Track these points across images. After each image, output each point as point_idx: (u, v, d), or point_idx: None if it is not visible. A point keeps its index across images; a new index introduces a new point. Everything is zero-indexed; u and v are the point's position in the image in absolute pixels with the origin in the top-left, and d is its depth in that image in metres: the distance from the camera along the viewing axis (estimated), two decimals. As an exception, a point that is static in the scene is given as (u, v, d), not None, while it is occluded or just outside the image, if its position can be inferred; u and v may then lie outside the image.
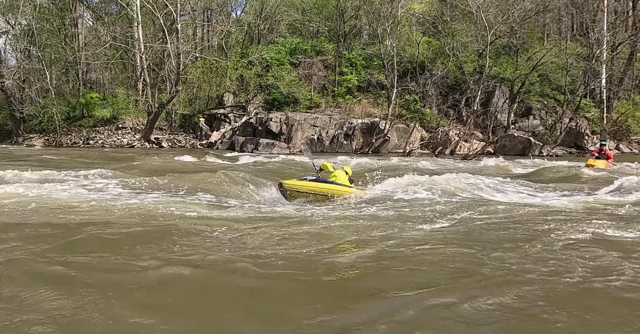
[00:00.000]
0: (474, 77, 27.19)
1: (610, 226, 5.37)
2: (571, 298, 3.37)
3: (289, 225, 5.76)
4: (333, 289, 3.66)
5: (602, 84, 25.79)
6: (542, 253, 4.35)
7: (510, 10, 27.14)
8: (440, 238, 5.09)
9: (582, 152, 24.25)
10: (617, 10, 30.61)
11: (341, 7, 30.77)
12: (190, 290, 3.57)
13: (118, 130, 28.36)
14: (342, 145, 25.98)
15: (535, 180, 11.30)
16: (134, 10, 28.44)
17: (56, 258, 4.21)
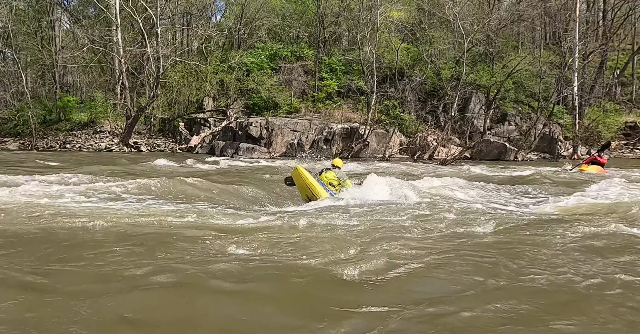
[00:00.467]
0: (451, 84, 27.72)
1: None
2: (577, 304, 3.51)
3: (261, 232, 5.74)
4: (317, 299, 3.66)
5: (574, 92, 26.53)
6: (538, 258, 4.54)
7: (486, 19, 27.81)
8: (428, 244, 5.23)
9: (556, 157, 24.94)
10: (588, 20, 31.60)
11: (321, 13, 31.08)
12: (170, 301, 3.53)
13: (96, 134, 28.03)
14: (322, 150, 26.16)
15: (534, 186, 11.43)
16: (112, 13, 28.24)
17: (25, 266, 4.19)
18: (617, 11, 31.58)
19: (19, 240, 5.11)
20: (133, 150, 26.69)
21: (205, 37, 29.74)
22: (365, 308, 3.43)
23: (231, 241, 5.11)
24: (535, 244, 5.04)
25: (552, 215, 7.26)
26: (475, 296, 3.63)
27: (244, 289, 3.73)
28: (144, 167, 15.75)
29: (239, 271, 4.07)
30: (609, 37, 30.33)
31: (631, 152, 26.36)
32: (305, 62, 31.12)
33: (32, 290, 3.66)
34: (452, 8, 27.38)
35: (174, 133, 29.12)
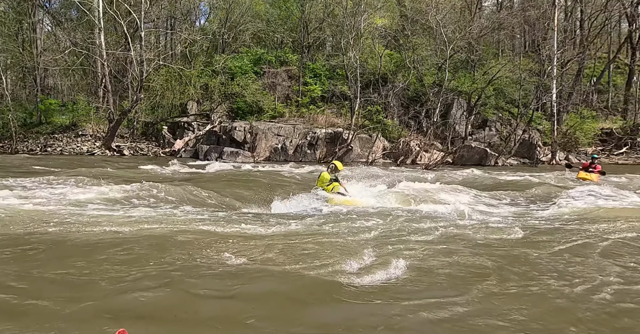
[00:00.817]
0: (433, 90, 28.14)
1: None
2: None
3: (254, 238, 5.79)
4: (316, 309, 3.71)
5: (552, 98, 27.14)
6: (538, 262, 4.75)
7: (468, 27, 28.32)
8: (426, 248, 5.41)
9: (535, 162, 25.46)
10: (566, 29, 32.38)
11: (305, 19, 31.33)
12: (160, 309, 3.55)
13: (77, 137, 27.76)
14: (306, 154, 26.32)
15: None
16: (95, 16, 28.05)
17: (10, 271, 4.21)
18: (594, 21, 32.48)
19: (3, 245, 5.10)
20: (115, 154, 26.50)
21: (189, 41, 29.71)
22: (364, 314, 3.52)
23: (224, 248, 5.16)
24: (535, 248, 5.28)
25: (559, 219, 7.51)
26: (480, 302, 3.75)
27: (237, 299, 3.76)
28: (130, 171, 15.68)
29: (234, 280, 4.09)
30: (586, 46, 31.14)
31: (607, 157, 27.03)
32: (290, 67, 31.28)
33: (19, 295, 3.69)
34: (435, 15, 27.81)
35: (157, 137, 28.99)
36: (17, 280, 4.03)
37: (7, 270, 4.25)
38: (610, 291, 3.98)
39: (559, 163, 25.44)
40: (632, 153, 27.30)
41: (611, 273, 4.47)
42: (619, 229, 6.39)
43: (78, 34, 29.38)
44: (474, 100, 27.62)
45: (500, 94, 28.99)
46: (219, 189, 10.34)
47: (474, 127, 28.41)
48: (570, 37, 32.10)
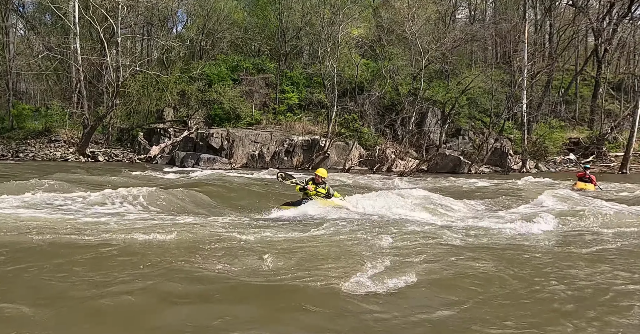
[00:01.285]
0: (409, 99, 28.69)
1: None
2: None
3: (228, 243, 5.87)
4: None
5: (523, 108, 27.92)
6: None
7: (443, 38, 29.02)
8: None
9: (506, 170, 26.16)
10: (536, 42, 33.41)
11: (283, 27, 31.63)
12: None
13: (51, 143, 27.32)
14: (283, 162, 26.47)
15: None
16: (71, 21, 27.77)
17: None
18: (562, 34, 33.69)
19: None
20: (90, 160, 26.18)
21: (166, 47, 29.65)
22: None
23: (218, 254, 5.19)
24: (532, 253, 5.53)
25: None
26: (479, 307, 3.86)
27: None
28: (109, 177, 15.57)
29: (223, 285, 4.13)
30: (554, 58, 32.20)
31: (575, 166, 27.91)
32: (267, 74, 31.48)
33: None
34: (410, 27, 28.43)
35: (133, 143, 28.76)
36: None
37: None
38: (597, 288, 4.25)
39: (529, 171, 26.19)
40: (598, 161, 28.26)
41: (602, 272, 4.76)
42: (600, 231, 6.77)
43: (52, 39, 29.00)
44: (448, 109, 28.25)
45: (473, 104, 29.73)
46: (213, 195, 10.47)
47: (448, 135, 29.03)
48: (539, 49, 33.13)
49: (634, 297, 4.08)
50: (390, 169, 25.54)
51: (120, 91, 26.49)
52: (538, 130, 29.35)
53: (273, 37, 33.30)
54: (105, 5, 26.19)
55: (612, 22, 30.79)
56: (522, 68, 28.15)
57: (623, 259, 5.44)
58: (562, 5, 35.71)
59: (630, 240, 6.40)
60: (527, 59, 28.43)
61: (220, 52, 33.65)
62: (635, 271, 4.90)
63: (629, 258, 5.47)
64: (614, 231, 6.98)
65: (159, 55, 31.15)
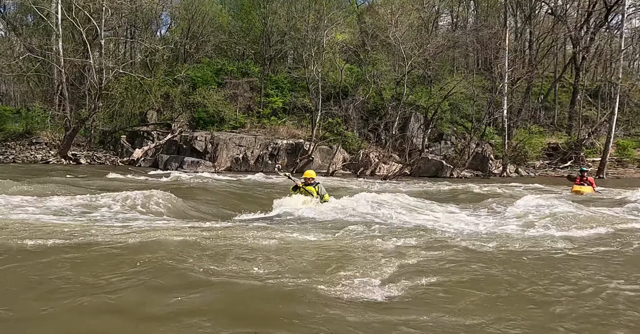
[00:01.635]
0: (392, 104, 29.03)
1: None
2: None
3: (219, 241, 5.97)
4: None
5: (503, 114, 28.45)
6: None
7: (425, 44, 29.47)
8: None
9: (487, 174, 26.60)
10: (516, 49, 34.13)
11: (267, 32, 31.76)
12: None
13: (31, 145, 26.99)
14: (267, 165, 26.52)
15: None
16: (53, 22, 27.52)
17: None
18: (542, 42, 34.46)
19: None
20: (72, 163, 25.91)
21: (150, 50, 29.55)
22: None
23: (200, 257, 5.20)
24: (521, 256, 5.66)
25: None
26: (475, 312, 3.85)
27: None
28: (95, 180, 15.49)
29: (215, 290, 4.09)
30: (534, 65, 32.89)
31: (553, 171, 28.52)
32: (252, 78, 31.57)
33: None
34: (394, 33, 28.81)
35: (115, 146, 28.55)
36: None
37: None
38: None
39: (509, 175, 26.68)
40: (576, 166, 28.89)
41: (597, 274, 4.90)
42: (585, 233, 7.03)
43: (34, 40, 28.69)
44: (431, 114, 28.64)
45: (455, 109, 30.18)
46: (202, 198, 10.52)
47: (431, 140, 29.41)
48: (520, 56, 33.83)
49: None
50: (374, 173, 25.78)
51: (103, 93, 26.31)
52: (518, 135, 29.90)
53: (258, 41, 33.40)
54: (88, 7, 26.04)
55: (590, 31, 31.59)
56: (503, 75, 28.70)
57: (611, 259, 5.62)
58: (541, 13, 36.55)
59: (609, 241, 6.63)
60: (508, 66, 29.01)
61: (205, 55, 33.64)
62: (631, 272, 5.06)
63: (617, 258, 5.66)
64: (588, 233, 7.21)
65: (143, 57, 31.00)
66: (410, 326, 3.54)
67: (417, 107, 29.05)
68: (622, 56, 29.90)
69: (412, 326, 3.56)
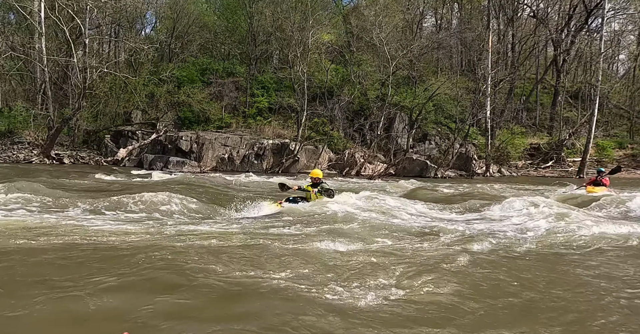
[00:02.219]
0: (377, 104, 29.27)
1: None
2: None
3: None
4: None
5: (487, 115, 28.87)
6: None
7: (410, 46, 29.76)
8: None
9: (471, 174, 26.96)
10: (499, 51, 34.67)
11: (253, 31, 31.78)
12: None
13: (14, 144, 26.62)
14: (253, 165, 26.56)
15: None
16: (36, 21, 27.19)
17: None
18: (524, 44, 35.05)
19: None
20: (55, 162, 25.62)
21: (135, 49, 29.35)
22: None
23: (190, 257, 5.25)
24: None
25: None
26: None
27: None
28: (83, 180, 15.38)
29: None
30: (516, 67, 33.45)
31: (535, 170, 29.03)
32: (237, 78, 31.55)
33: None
34: (379, 34, 29.05)
35: (99, 145, 28.31)
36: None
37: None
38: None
39: (492, 175, 27.09)
40: (557, 166, 29.46)
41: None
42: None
43: (17, 38, 28.31)
44: (415, 114, 28.94)
45: (439, 110, 30.53)
46: (195, 197, 10.52)
47: (415, 140, 29.70)
48: (502, 58, 34.38)
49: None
50: (359, 173, 25.97)
51: (87, 93, 26.07)
52: (501, 135, 30.36)
53: (243, 41, 33.40)
54: (72, 5, 25.79)
55: (571, 34, 32.24)
56: (486, 76, 29.12)
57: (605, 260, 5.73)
58: (524, 16, 37.17)
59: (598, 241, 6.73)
60: (491, 67, 29.45)
61: (190, 55, 33.53)
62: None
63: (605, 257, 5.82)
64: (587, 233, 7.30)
65: (128, 57, 30.79)
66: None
67: (401, 107, 29.32)
68: (602, 59, 30.55)
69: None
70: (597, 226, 7.35)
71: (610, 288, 4.58)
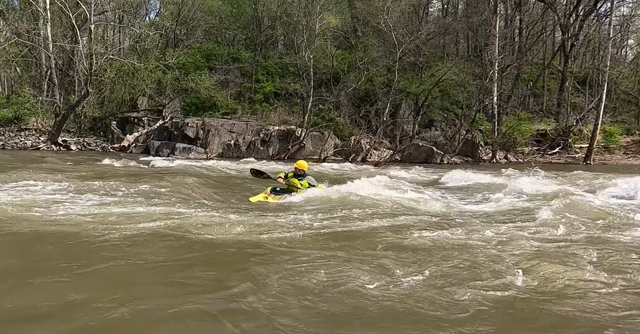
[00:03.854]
0: (383, 90, 29.13)
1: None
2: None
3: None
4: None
5: (493, 101, 28.68)
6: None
7: (417, 31, 29.50)
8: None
9: (477, 160, 26.93)
10: (506, 36, 34.29)
11: (258, 17, 31.55)
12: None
13: (21, 131, 26.77)
14: (259, 151, 26.62)
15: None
16: (41, 6, 27.11)
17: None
18: (531, 29, 34.61)
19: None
20: (62, 149, 25.79)
21: (140, 35, 29.25)
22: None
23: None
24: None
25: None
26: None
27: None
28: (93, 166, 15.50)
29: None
30: (524, 52, 33.11)
31: (542, 157, 28.92)
32: (242, 64, 31.44)
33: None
34: (386, 19, 28.78)
35: (106, 132, 28.42)
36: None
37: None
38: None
39: (498, 161, 27.03)
40: (564, 152, 29.34)
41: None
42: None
43: (22, 25, 28.25)
44: (421, 101, 28.81)
45: (445, 96, 30.36)
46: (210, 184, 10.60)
47: (421, 126, 29.61)
48: (509, 43, 33.99)
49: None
50: (365, 159, 25.97)
51: (93, 79, 26.08)
52: (507, 122, 30.19)
53: (248, 26, 33.20)
54: (76, -9, 25.67)
55: (579, 18, 31.81)
56: (493, 62, 28.85)
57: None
58: (531, 0, 36.66)
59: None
60: (498, 53, 29.16)
61: (195, 40, 33.39)
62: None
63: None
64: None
65: (133, 43, 30.69)
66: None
67: (407, 93, 29.18)
68: (611, 43, 30.20)
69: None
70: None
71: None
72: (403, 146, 27.04)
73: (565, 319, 3.57)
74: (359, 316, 3.47)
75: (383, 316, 3.49)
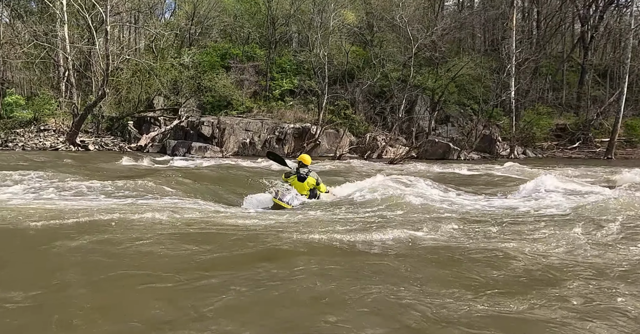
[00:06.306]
0: (398, 86, 28.90)
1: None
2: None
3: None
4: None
5: (511, 95, 28.27)
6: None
7: (432, 26, 29.16)
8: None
9: (495, 156, 26.58)
10: (524, 29, 33.76)
11: (272, 14, 31.52)
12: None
13: (40, 132, 27.16)
14: (274, 149, 26.54)
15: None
16: (58, 8, 27.42)
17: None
18: (549, 22, 34.02)
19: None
20: (80, 149, 26.09)
21: (155, 35, 29.44)
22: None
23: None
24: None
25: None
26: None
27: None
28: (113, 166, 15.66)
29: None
30: (542, 45, 32.54)
31: (561, 152, 28.43)
32: (257, 62, 31.45)
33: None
34: (402, 15, 28.50)
35: (123, 132, 28.68)
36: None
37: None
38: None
39: (517, 157, 26.64)
40: (584, 147, 28.80)
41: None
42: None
43: (40, 27, 28.63)
44: (437, 96, 28.51)
45: (462, 91, 30.03)
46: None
47: (437, 122, 29.32)
48: (527, 36, 33.44)
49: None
50: (381, 156, 25.83)
51: (109, 80, 26.32)
52: (526, 116, 29.75)
53: (262, 24, 33.19)
54: (93, -7, 25.90)
55: (599, 9, 31.14)
56: (511, 56, 28.43)
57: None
58: (549, -8, 36.02)
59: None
60: (515, 46, 28.71)
61: (210, 39, 33.50)
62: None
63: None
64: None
65: (149, 43, 30.90)
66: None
67: (423, 89, 28.92)
68: (632, 35, 29.48)
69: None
70: None
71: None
72: (419, 142, 26.81)
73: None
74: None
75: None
